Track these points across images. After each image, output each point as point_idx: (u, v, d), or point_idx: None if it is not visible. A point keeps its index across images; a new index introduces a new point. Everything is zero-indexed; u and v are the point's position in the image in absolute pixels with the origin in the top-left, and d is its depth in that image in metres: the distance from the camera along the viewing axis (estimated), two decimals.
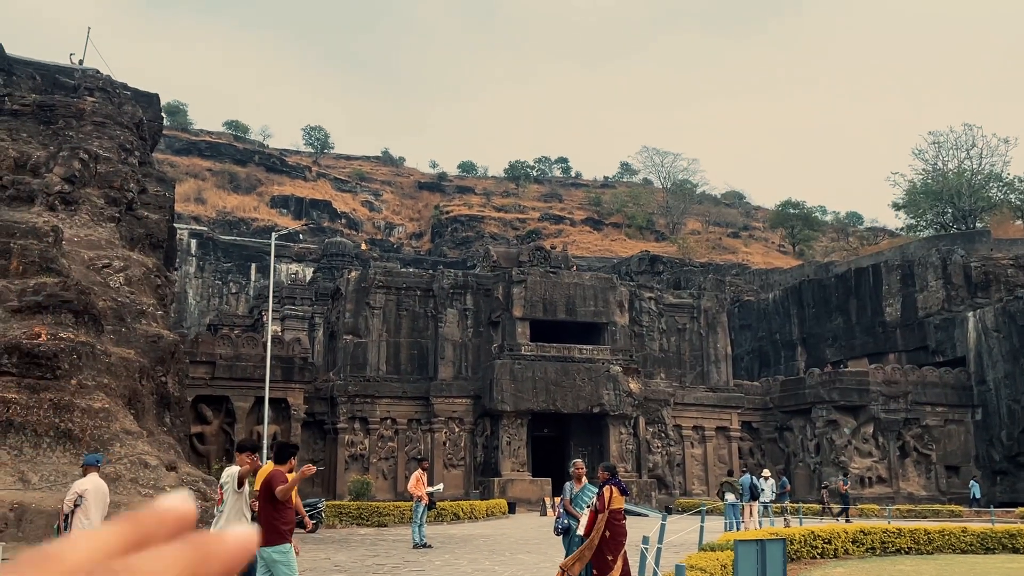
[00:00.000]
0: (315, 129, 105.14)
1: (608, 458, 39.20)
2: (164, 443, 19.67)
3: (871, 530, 16.88)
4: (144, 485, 16.30)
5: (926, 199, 59.13)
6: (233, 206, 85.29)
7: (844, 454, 40.33)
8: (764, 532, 14.32)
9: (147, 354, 20.78)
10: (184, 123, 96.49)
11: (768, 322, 54.13)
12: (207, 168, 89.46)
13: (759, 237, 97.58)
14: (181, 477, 17.02)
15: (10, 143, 24.67)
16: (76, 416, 16.53)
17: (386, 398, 38.44)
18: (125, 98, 28.30)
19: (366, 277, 40.06)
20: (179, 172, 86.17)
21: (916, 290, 45.15)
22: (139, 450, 16.79)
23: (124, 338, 20.67)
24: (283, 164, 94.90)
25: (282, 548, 7.87)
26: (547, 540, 20.27)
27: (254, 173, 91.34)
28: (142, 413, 19.62)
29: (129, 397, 19.19)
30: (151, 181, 27.30)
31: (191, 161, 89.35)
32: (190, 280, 76.06)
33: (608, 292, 40.88)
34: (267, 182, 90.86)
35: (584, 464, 11.05)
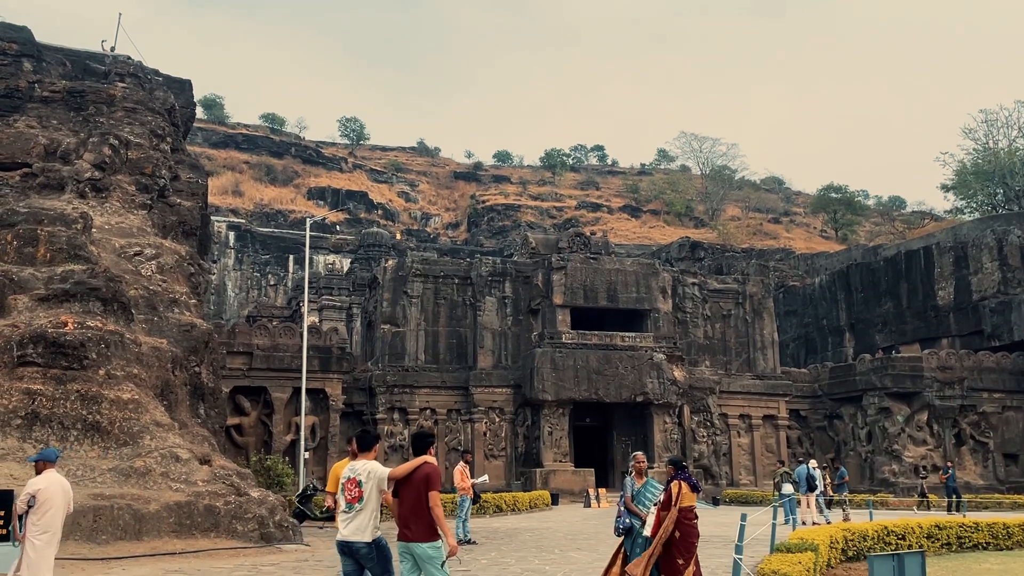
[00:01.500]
0: (351, 120, 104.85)
1: (652, 448, 38.11)
2: (198, 435, 18.90)
3: (946, 524, 15.69)
4: (175, 479, 15.53)
5: (977, 179, 57.10)
6: (270, 198, 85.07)
7: (897, 442, 38.87)
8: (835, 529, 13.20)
9: (180, 344, 20.03)
10: (221, 116, 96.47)
11: (814, 308, 52.60)
12: (244, 161, 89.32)
13: (800, 223, 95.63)
14: (215, 471, 16.22)
15: (40, 130, 24.08)
16: (104, 408, 15.79)
17: (425, 388, 37.63)
18: (156, 84, 27.60)
19: (403, 266, 39.24)
20: (216, 165, 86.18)
21: (970, 272, 43.44)
22: (170, 443, 16.01)
23: (156, 327, 19.94)
24: (319, 156, 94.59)
25: (437, 544, 7.32)
26: (596, 535, 19.28)
27: (291, 165, 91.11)
28: (175, 404, 18.87)
29: (161, 388, 18.45)
30: (184, 168, 26.60)
31: (228, 154, 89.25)
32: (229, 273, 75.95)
33: (650, 278, 39.70)
34: (304, 174, 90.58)
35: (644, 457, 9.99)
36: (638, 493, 9.55)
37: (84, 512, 13.98)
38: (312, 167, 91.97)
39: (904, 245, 50.15)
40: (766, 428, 41.33)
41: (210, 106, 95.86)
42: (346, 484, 7.63)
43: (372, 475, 7.56)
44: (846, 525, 13.51)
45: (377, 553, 7.55)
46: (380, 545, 7.60)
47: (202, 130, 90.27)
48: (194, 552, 13.92)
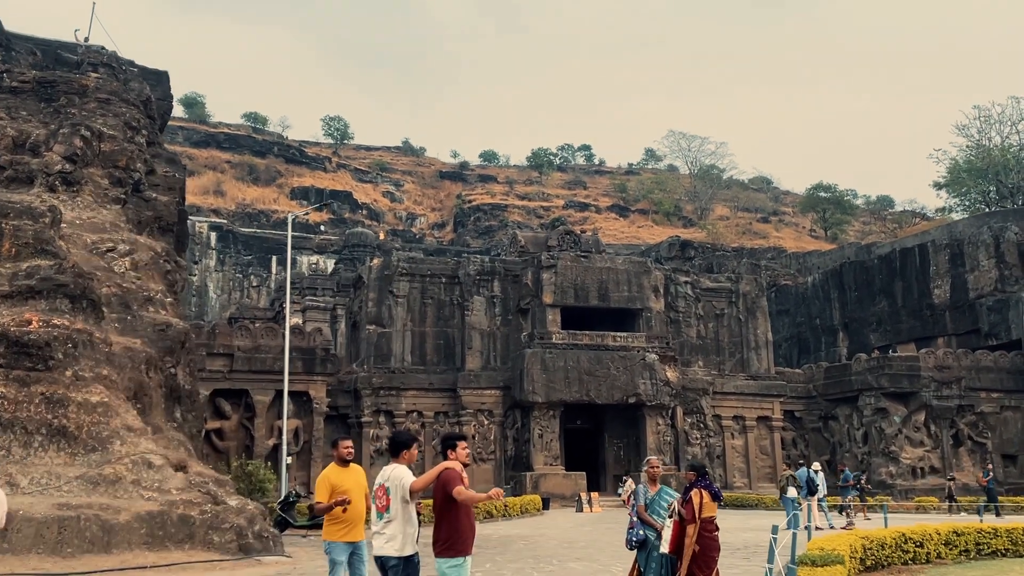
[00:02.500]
0: (334, 120, 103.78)
1: (645, 450, 37.32)
2: (173, 440, 17.97)
3: (964, 530, 14.95)
4: (147, 487, 14.61)
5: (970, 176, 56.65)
6: (253, 198, 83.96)
7: (895, 443, 38.23)
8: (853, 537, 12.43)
9: (155, 344, 19.10)
10: (202, 115, 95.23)
11: (807, 307, 51.99)
12: (226, 160, 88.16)
13: (789, 222, 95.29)
14: (190, 478, 15.32)
15: (8, 121, 23.07)
16: (71, 411, 14.86)
17: (412, 390, 36.75)
18: (132, 75, 26.65)
19: (389, 265, 38.35)
20: (197, 164, 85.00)
21: (966, 270, 42.89)
22: (142, 448, 15.09)
23: (129, 326, 19.00)
24: (303, 155, 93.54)
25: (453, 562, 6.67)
26: (594, 543, 18.47)
27: (273, 165, 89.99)
28: (148, 408, 17.94)
29: (134, 390, 17.51)
30: (160, 162, 25.64)
31: (210, 153, 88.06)
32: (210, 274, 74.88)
33: (642, 277, 38.96)
34: (287, 174, 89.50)
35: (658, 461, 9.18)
36: (652, 502, 8.75)
37: (48, 523, 13.07)
38: (295, 167, 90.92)
39: (898, 243, 49.62)
40: (760, 430, 40.65)
41: (191, 105, 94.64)
42: (377, 491, 7.13)
43: (398, 484, 6.98)
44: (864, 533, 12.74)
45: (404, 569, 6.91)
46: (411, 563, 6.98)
47: (183, 129, 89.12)
48: (167, 565, 13.03)
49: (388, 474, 7.07)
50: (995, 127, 57.27)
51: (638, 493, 8.98)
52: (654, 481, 8.99)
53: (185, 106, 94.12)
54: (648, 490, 8.93)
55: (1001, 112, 57.44)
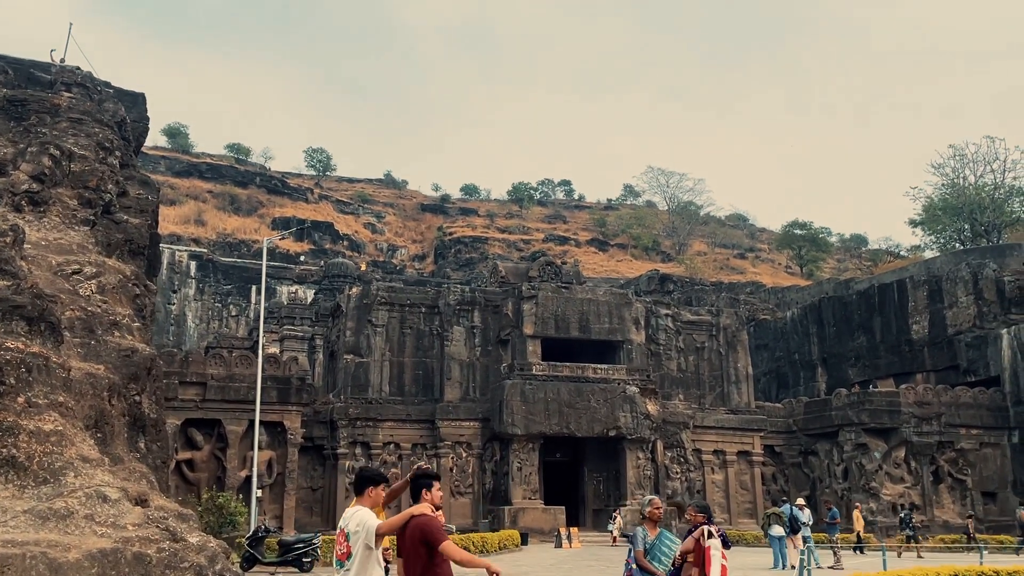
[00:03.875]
0: (317, 151, 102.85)
1: (625, 484, 36.34)
2: (135, 472, 16.74)
3: (965, 573, 14.03)
4: (101, 523, 13.38)
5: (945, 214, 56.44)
6: (234, 228, 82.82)
7: (875, 479, 37.40)
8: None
9: (119, 370, 17.94)
10: (185, 145, 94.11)
11: (786, 342, 51.30)
12: (208, 190, 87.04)
13: (766, 258, 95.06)
14: (149, 513, 14.09)
15: None
16: (22, 440, 13.64)
17: (389, 421, 35.61)
18: (107, 95, 25.70)
19: (368, 293, 37.35)
20: (179, 194, 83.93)
21: (945, 306, 42.36)
22: (97, 480, 13.89)
23: (93, 351, 17.85)
24: (284, 186, 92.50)
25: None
26: None
27: (255, 195, 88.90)
28: (110, 437, 16.74)
29: (95, 419, 16.33)
30: (133, 184, 24.61)
31: (192, 183, 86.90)
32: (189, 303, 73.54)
33: (623, 308, 38.15)
34: (268, 204, 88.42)
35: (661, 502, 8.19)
36: (652, 547, 7.78)
37: None
38: (277, 197, 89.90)
39: (876, 279, 49.14)
40: (740, 464, 39.75)
41: (174, 135, 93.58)
42: (337, 537, 6.21)
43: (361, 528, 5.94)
44: None
45: None
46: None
47: (165, 159, 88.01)
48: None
49: (349, 517, 6.06)
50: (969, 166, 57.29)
51: (636, 537, 8.00)
52: (655, 524, 8.02)
53: (168, 136, 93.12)
54: (648, 534, 7.95)
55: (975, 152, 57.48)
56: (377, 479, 6.30)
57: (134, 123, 26.99)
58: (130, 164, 25.57)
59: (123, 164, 24.82)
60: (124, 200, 23.69)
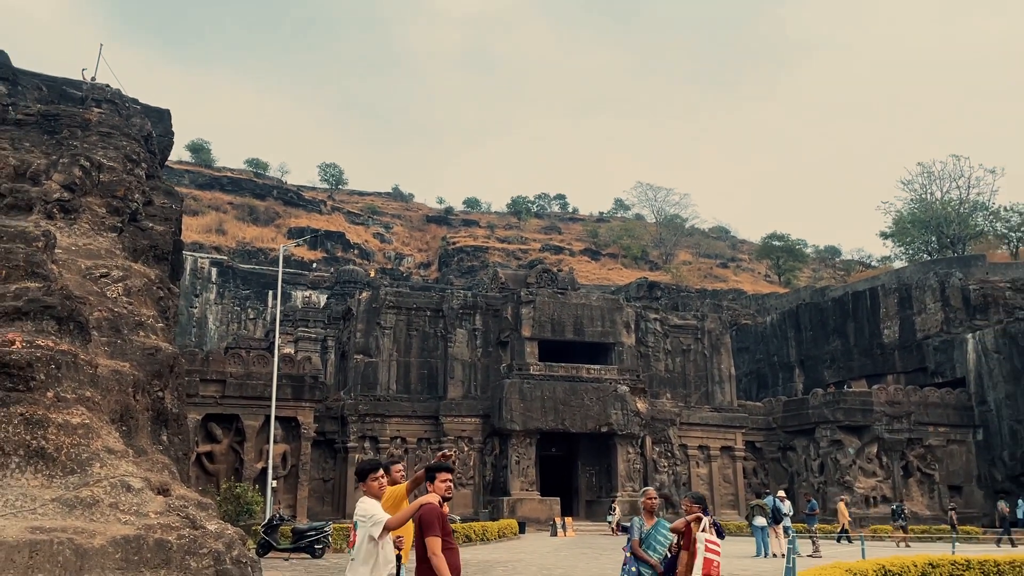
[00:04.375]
0: (330, 166, 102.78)
1: (616, 477, 36.10)
2: (157, 463, 16.53)
3: (939, 562, 13.81)
4: (125, 511, 13.16)
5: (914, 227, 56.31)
6: (252, 237, 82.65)
7: (849, 474, 37.19)
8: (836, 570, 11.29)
9: (143, 367, 17.74)
10: (208, 160, 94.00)
11: (766, 345, 51.09)
12: (228, 202, 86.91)
13: (746, 268, 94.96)
14: (170, 502, 13.89)
15: (11, 152, 21.82)
16: (51, 433, 13.45)
17: (396, 417, 35.38)
18: (134, 111, 25.53)
19: (377, 298, 37.14)
20: (202, 205, 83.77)
21: (914, 312, 42.19)
22: (122, 471, 13.68)
23: (119, 350, 17.64)
24: (300, 198, 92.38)
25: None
26: (572, 569, 17.19)
27: (272, 207, 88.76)
28: (134, 430, 16.54)
29: (120, 413, 16.12)
30: (158, 194, 24.40)
31: (213, 195, 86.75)
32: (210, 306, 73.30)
33: (615, 313, 37.95)
34: (285, 215, 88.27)
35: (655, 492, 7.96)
36: (647, 536, 7.57)
37: (19, 548, 11.65)
38: (293, 208, 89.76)
39: (850, 287, 48.97)
40: (724, 459, 39.50)
41: (197, 150, 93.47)
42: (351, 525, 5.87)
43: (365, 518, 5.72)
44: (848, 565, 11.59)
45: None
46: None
47: (189, 172, 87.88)
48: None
49: (358, 507, 5.88)
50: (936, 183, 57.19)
51: (633, 527, 7.79)
52: (651, 514, 7.81)
53: (192, 151, 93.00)
54: (644, 523, 7.74)
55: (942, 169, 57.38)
56: (373, 467, 6.09)
57: (159, 137, 26.82)
58: (155, 175, 25.39)
59: (149, 175, 24.64)
60: (149, 209, 23.50)
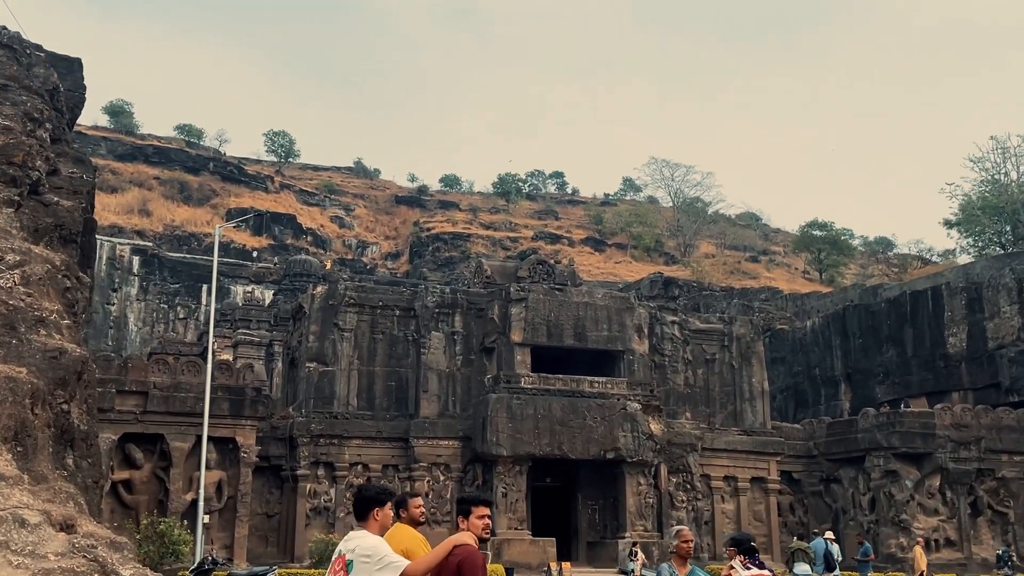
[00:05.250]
0: (278, 135, 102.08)
1: (624, 514, 35.86)
2: (61, 493, 16.02)
3: None
4: (18, 552, 12.67)
5: (985, 214, 56.31)
6: (183, 219, 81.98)
7: (906, 511, 37.02)
8: None
9: (44, 374, 17.22)
10: (129, 125, 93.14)
11: (805, 355, 51.01)
12: (154, 176, 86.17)
13: (781, 262, 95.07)
14: (75, 540, 13.40)
15: None
16: None
17: (357, 439, 34.94)
18: (37, 60, 25.01)
19: (335, 293, 36.70)
20: (122, 180, 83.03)
21: (985, 317, 42.14)
22: (15, 502, 13.19)
23: (14, 352, 17.12)
24: (241, 173, 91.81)
25: None
26: None
27: (208, 183, 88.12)
28: (32, 452, 16.03)
29: (15, 430, 15.61)
30: (66, 161, 23.90)
31: (136, 168, 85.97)
32: (131, 303, 72.52)
33: (624, 314, 37.65)
34: (223, 193, 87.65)
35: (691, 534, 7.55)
36: None
37: None
38: (233, 185, 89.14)
39: (908, 285, 48.95)
40: (754, 492, 39.28)
41: (117, 113, 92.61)
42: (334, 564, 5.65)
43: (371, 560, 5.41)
44: None
45: None
46: None
47: (107, 140, 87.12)
48: None
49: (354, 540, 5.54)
50: (1012, 160, 57.12)
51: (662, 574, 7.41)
52: (684, 560, 7.43)
53: (110, 115, 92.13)
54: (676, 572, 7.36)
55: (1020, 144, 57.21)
56: (382, 498, 5.85)
57: (68, 92, 26.33)
58: (63, 139, 24.88)
59: (55, 139, 24.13)
60: (55, 179, 22.99)
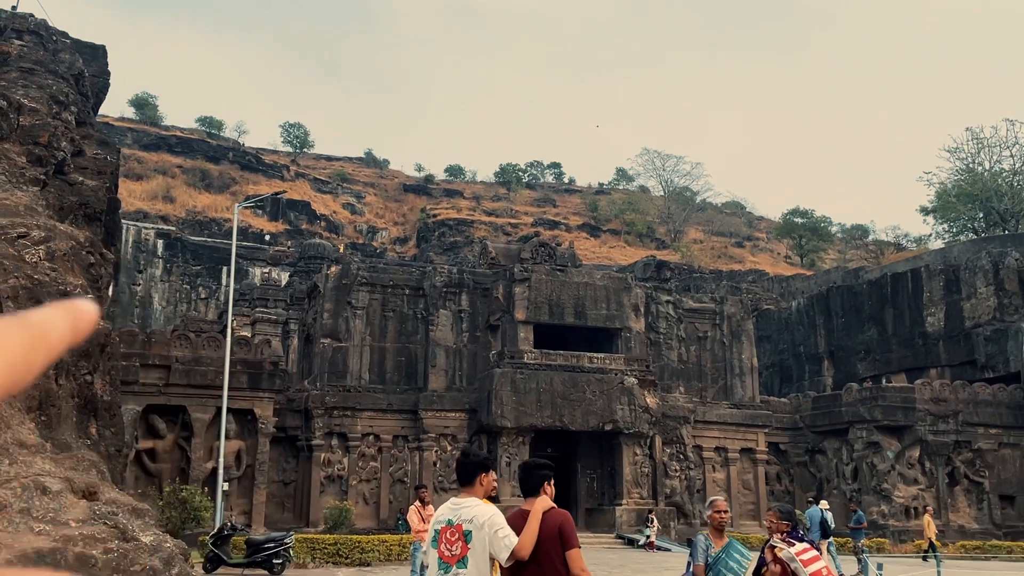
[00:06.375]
0: (294, 126, 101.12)
1: (621, 483, 35.23)
2: (83, 460, 15.34)
3: None
4: (39, 519, 12.00)
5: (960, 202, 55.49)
6: (204, 205, 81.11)
7: (887, 481, 36.42)
8: None
9: None
10: (154, 117, 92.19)
11: (790, 333, 50.29)
12: (177, 165, 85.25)
13: (764, 248, 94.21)
14: (96, 507, 12.73)
15: None
16: None
17: (368, 411, 34.27)
18: (63, 46, 24.21)
19: (348, 273, 35.94)
20: (147, 168, 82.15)
21: (962, 298, 41.39)
22: (36, 469, 12.51)
23: None
24: (259, 162, 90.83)
25: None
26: None
27: (227, 171, 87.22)
28: (56, 421, 15.37)
29: (39, 400, 14.96)
30: (90, 143, 23.14)
31: (160, 157, 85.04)
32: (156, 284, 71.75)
33: (622, 294, 36.92)
34: (241, 181, 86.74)
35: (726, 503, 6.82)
36: (716, 561, 6.48)
37: None
38: (251, 174, 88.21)
39: (889, 268, 48.15)
40: (743, 462, 38.69)
41: (142, 106, 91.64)
42: (443, 532, 5.12)
43: (486, 526, 4.98)
44: None
45: None
46: None
47: (132, 131, 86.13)
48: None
49: (471, 511, 5.03)
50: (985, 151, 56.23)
51: (696, 546, 6.69)
52: (720, 531, 6.71)
53: (135, 107, 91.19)
54: (711, 543, 6.64)
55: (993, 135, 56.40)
56: (488, 464, 5.47)
57: (93, 77, 25.54)
58: (88, 122, 24.10)
59: (80, 121, 23.36)
60: (80, 160, 22.24)
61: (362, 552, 22.84)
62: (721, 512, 6.67)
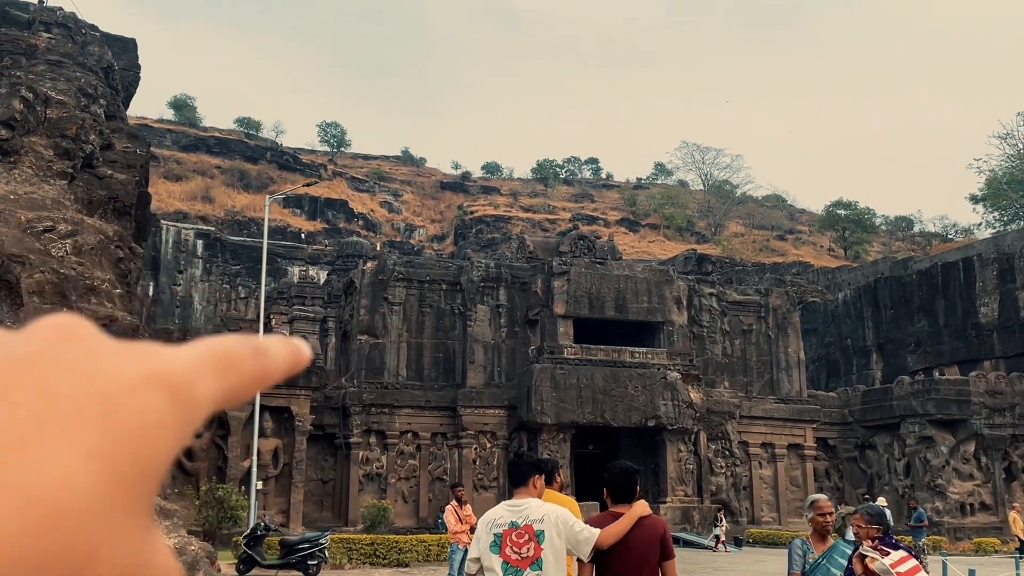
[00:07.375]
0: (331, 126, 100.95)
1: (665, 480, 34.30)
2: None
3: None
4: None
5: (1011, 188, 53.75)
6: (243, 205, 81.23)
7: (941, 476, 35.08)
8: None
9: None
10: (193, 119, 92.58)
11: (837, 326, 48.91)
12: (216, 165, 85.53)
13: (806, 240, 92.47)
14: None
15: None
16: None
17: (407, 408, 33.63)
18: (92, 39, 23.80)
19: (384, 269, 35.34)
20: (186, 169, 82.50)
21: (1017, 287, 39.87)
22: None
23: None
24: (296, 162, 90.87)
25: None
26: None
27: (266, 171, 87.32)
28: None
29: None
30: (120, 137, 22.67)
31: (199, 158, 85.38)
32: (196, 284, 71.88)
33: (664, 287, 35.94)
34: (279, 180, 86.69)
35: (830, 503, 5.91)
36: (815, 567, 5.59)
37: None
38: (289, 173, 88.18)
39: (939, 257, 46.67)
40: (791, 459, 37.52)
41: (181, 107, 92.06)
42: (508, 535, 4.79)
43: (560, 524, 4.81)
44: None
45: None
46: None
47: (171, 132, 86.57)
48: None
49: (539, 512, 4.84)
50: None
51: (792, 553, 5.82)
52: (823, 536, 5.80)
53: (174, 108, 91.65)
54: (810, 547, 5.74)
55: None
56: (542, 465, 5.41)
57: (123, 71, 25.09)
58: (117, 115, 23.64)
59: (109, 115, 22.88)
60: (109, 154, 21.75)
61: (400, 552, 22.17)
62: (825, 514, 5.79)
